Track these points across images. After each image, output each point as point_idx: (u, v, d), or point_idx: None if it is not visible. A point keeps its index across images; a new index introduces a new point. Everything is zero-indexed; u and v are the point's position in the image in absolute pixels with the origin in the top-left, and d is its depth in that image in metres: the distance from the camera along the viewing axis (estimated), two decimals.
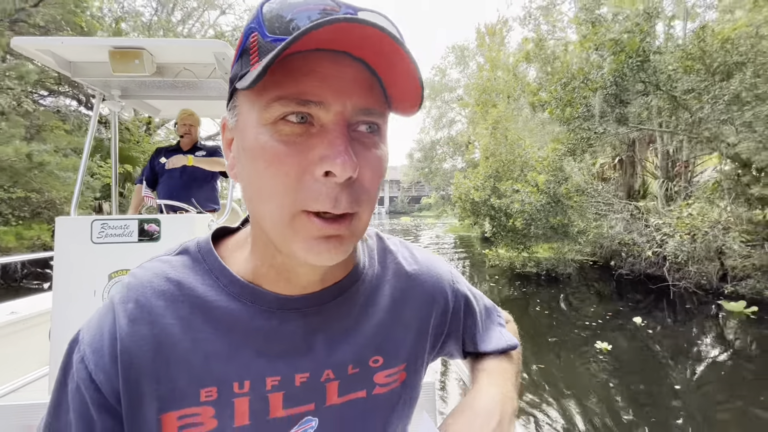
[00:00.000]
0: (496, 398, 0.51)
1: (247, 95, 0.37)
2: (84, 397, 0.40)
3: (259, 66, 0.31)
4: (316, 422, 0.46)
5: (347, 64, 0.34)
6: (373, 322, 0.49)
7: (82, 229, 2.05)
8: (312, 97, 0.33)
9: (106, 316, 0.43)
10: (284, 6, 0.33)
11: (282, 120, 0.34)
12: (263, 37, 0.33)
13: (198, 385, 0.41)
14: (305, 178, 0.35)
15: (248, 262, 0.45)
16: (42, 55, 2.21)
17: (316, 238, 0.36)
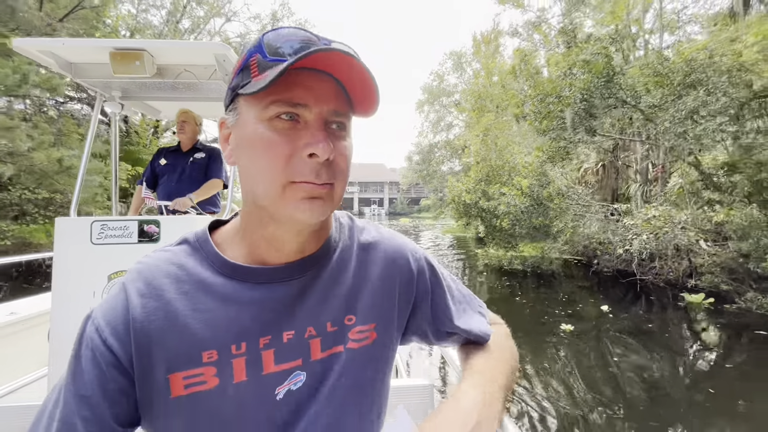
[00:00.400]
0: (477, 400, 0.51)
1: (247, 99, 0.48)
2: (99, 361, 0.47)
3: (265, 78, 0.43)
4: (304, 375, 0.53)
5: (324, 79, 0.47)
6: (345, 286, 0.58)
7: (82, 229, 2.05)
8: (300, 101, 0.46)
9: (118, 295, 0.51)
10: (278, 37, 0.46)
11: (276, 118, 0.46)
12: (264, 58, 0.45)
13: (200, 349, 0.49)
14: (294, 158, 0.46)
15: (242, 243, 0.55)
16: (43, 56, 2.22)
17: (302, 199, 0.47)
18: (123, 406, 0.48)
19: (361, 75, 0.46)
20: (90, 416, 0.46)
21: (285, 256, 0.54)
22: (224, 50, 2.21)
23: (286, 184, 0.47)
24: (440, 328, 0.66)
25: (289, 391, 0.53)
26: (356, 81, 0.47)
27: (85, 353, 0.48)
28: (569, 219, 8.05)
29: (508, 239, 9.46)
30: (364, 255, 0.62)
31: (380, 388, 0.61)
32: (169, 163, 2.98)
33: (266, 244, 0.53)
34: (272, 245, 0.53)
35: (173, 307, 0.49)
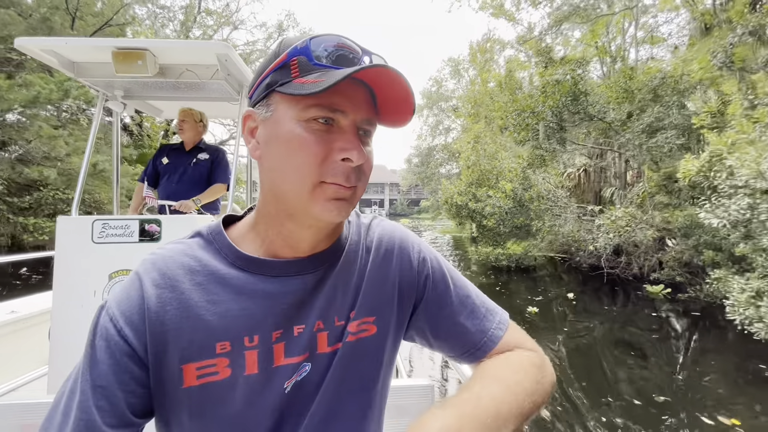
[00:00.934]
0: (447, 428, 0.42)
1: (286, 98, 0.49)
2: (113, 351, 0.47)
3: (319, 84, 0.45)
4: (309, 367, 0.54)
5: (360, 88, 0.50)
6: (351, 281, 0.59)
7: (83, 228, 2.05)
8: (339, 107, 0.48)
9: (132, 285, 0.51)
10: (324, 44, 0.48)
11: (313, 120, 0.48)
12: (309, 61, 0.47)
13: (214, 340, 0.50)
14: (327, 160, 0.48)
15: (256, 239, 0.56)
16: (46, 55, 2.22)
17: (330, 200, 0.49)
18: (138, 396, 0.49)
19: (399, 88, 0.48)
20: (106, 406, 0.46)
21: (299, 252, 0.55)
22: (226, 50, 2.21)
23: (316, 183, 0.48)
24: (439, 326, 0.64)
25: (295, 384, 0.53)
26: (391, 93, 0.49)
27: (99, 343, 0.48)
28: (547, 219, 8.98)
29: (495, 238, 10.43)
30: (369, 250, 0.63)
31: (381, 382, 0.61)
32: (171, 162, 2.95)
33: (281, 241, 0.54)
34: (287, 242, 0.54)
35: (188, 298, 0.50)
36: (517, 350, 0.62)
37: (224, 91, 2.70)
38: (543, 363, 0.60)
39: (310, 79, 0.46)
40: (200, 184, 2.95)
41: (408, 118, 0.52)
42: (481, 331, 0.63)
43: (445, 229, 22.03)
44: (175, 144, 3.07)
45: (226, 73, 2.42)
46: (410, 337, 0.68)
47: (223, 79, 2.45)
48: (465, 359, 0.65)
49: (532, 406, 0.51)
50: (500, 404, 0.48)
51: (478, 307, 0.65)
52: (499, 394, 0.49)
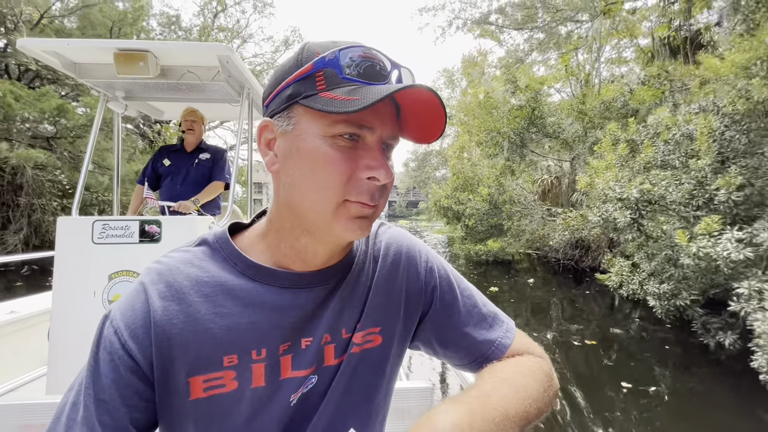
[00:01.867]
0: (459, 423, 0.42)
1: (310, 112, 0.46)
2: (117, 365, 0.46)
3: (353, 101, 0.42)
4: (315, 379, 0.54)
5: (388, 104, 0.48)
6: (360, 293, 0.58)
7: (83, 229, 2.05)
8: (366, 123, 0.46)
9: (137, 296, 0.49)
10: (354, 58, 0.46)
11: (339, 136, 0.46)
12: (339, 75, 0.45)
13: (221, 353, 0.49)
14: (353, 178, 0.47)
15: (266, 250, 0.54)
16: (48, 56, 2.23)
17: (353, 219, 0.48)
18: (141, 411, 0.48)
19: (433, 110, 0.46)
20: (108, 421, 0.45)
21: (309, 266, 0.54)
22: (227, 52, 2.22)
23: (340, 202, 0.47)
24: (446, 335, 0.63)
25: (301, 396, 0.53)
26: (420, 111, 0.47)
27: (103, 356, 0.47)
28: (515, 220, 10.51)
29: (476, 236, 12.13)
30: (376, 259, 0.62)
31: (385, 391, 0.61)
32: (173, 164, 2.96)
33: (294, 255, 0.53)
34: (300, 256, 0.53)
35: (195, 311, 0.49)
36: (526, 355, 0.62)
37: (225, 93, 2.71)
38: (550, 371, 0.60)
39: (339, 95, 0.44)
40: (203, 185, 2.96)
41: (437, 136, 0.49)
42: (489, 341, 0.62)
43: (440, 230, 23.73)
44: (175, 145, 3.08)
45: (227, 74, 2.42)
46: (415, 347, 0.67)
47: (224, 81, 2.46)
48: (471, 368, 0.64)
49: (536, 412, 0.51)
50: (509, 406, 0.47)
51: (485, 316, 0.64)
52: (508, 396, 0.49)
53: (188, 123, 2.94)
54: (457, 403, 0.45)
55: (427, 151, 33.75)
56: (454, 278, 0.66)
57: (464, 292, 0.65)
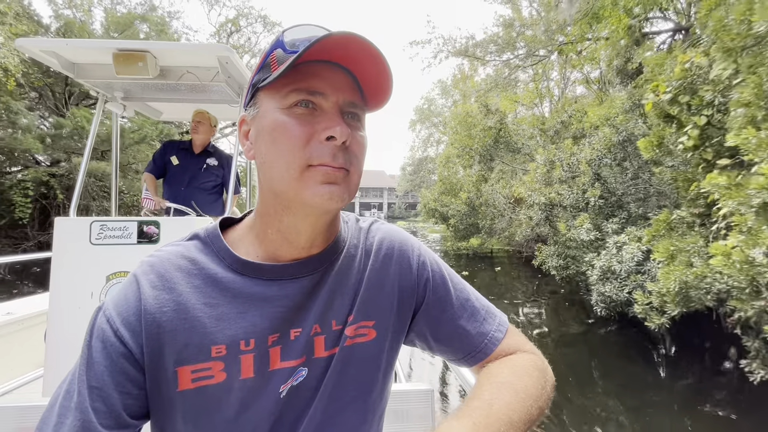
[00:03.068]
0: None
1: (267, 92, 0.50)
2: (109, 352, 0.47)
3: (282, 67, 0.46)
4: (305, 372, 0.54)
5: (339, 71, 0.49)
6: (350, 284, 0.58)
7: (81, 230, 2.04)
8: (318, 89, 0.48)
9: (129, 286, 0.51)
10: (296, 32, 0.49)
11: (295, 105, 0.48)
12: (284, 51, 0.48)
13: (210, 343, 0.49)
14: (312, 142, 0.48)
15: (255, 240, 0.56)
16: (46, 56, 2.22)
17: (320, 184, 0.48)
18: (134, 398, 0.48)
19: (374, 60, 0.47)
20: (102, 407, 0.46)
21: (297, 250, 0.55)
22: (227, 52, 2.21)
23: (304, 167, 0.47)
24: (440, 329, 0.63)
25: (291, 388, 0.53)
26: (369, 69, 0.49)
27: (95, 344, 0.48)
28: (488, 219, 12.12)
29: (459, 234, 14.17)
30: (369, 254, 0.62)
31: (380, 387, 0.61)
32: (181, 164, 2.94)
33: (280, 237, 0.54)
34: (286, 238, 0.54)
35: (185, 300, 0.50)
36: (519, 353, 0.62)
37: (224, 94, 2.70)
38: (544, 366, 0.61)
39: (281, 67, 0.46)
40: (209, 191, 2.95)
41: (387, 91, 0.51)
42: (482, 334, 0.63)
43: (433, 229, 25.86)
44: (184, 143, 3.04)
45: (226, 75, 2.42)
46: (411, 342, 0.67)
47: (223, 82, 2.45)
48: (465, 362, 0.64)
49: (538, 412, 0.51)
50: (512, 411, 0.48)
51: (478, 309, 0.65)
52: (509, 401, 0.49)
53: (194, 124, 2.94)
54: (460, 419, 0.46)
55: (423, 156, 36.09)
56: (447, 273, 0.67)
57: (457, 286, 0.66)
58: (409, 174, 39.05)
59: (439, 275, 0.65)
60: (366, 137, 0.54)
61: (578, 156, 7.41)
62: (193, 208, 2.67)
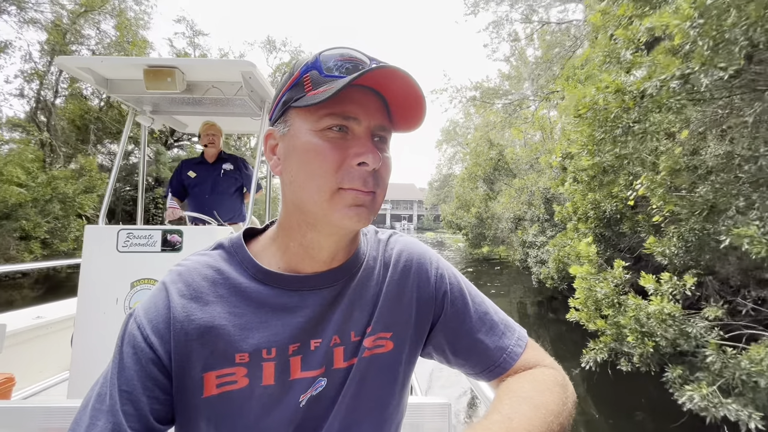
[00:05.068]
0: None
1: (301, 112, 0.51)
2: (139, 357, 0.49)
3: (325, 92, 0.47)
4: (324, 382, 0.55)
5: (371, 96, 0.51)
6: (369, 296, 0.59)
7: (109, 237, 2.12)
8: (351, 114, 0.49)
9: (159, 294, 0.53)
10: (333, 57, 0.50)
11: (328, 129, 0.49)
12: (320, 74, 0.49)
13: (234, 350, 0.51)
14: (343, 166, 0.49)
15: (278, 252, 0.57)
16: (83, 73, 2.35)
17: (349, 206, 0.50)
18: (161, 403, 0.50)
19: (408, 90, 0.49)
20: (131, 411, 0.47)
21: (318, 264, 0.56)
22: (250, 68, 2.29)
23: (335, 190, 0.49)
24: (458, 342, 0.63)
25: (311, 398, 0.54)
26: (401, 97, 0.50)
27: (126, 350, 0.50)
28: (492, 230, 14.31)
29: (472, 242, 16.63)
30: (387, 266, 0.63)
31: (397, 399, 0.61)
32: (199, 176, 3.07)
33: (302, 251, 0.55)
34: (308, 252, 0.55)
35: (211, 309, 0.52)
36: (540, 368, 0.61)
37: (247, 107, 2.78)
38: (565, 382, 0.58)
39: (320, 90, 0.48)
40: (230, 194, 3.11)
41: (420, 118, 0.52)
42: (501, 348, 0.61)
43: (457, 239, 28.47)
44: (196, 158, 3.19)
45: (249, 89, 2.50)
46: (428, 354, 0.66)
47: (246, 96, 2.53)
48: (484, 377, 0.63)
49: (559, 428, 0.50)
50: (532, 427, 0.47)
51: (496, 323, 0.64)
52: (530, 416, 0.48)
53: (209, 137, 3.07)
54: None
55: (448, 173, 38.77)
56: (465, 286, 0.66)
57: (475, 299, 0.65)
58: (436, 189, 41.81)
59: (458, 288, 0.65)
60: (391, 158, 0.55)
61: (537, 186, 10.07)
62: (215, 217, 2.74)
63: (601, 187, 4.41)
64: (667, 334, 3.16)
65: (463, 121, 31.43)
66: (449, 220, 19.19)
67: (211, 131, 3.07)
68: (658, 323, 3.19)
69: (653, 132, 3.35)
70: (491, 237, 14.98)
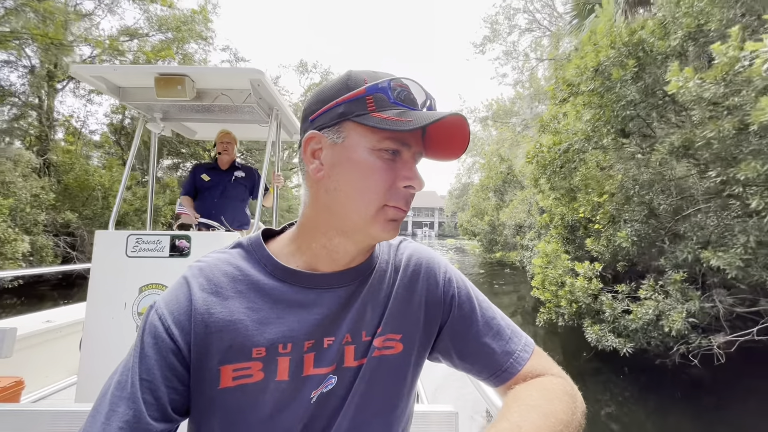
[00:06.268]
0: None
1: (361, 128, 0.53)
2: (160, 347, 0.51)
3: (406, 121, 0.50)
4: (335, 380, 0.56)
5: None
6: (381, 298, 0.61)
7: (119, 242, 2.14)
8: (407, 141, 0.54)
9: (180, 288, 0.55)
10: (404, 88, 0.54)
11: (384, 150, 0.53)
12: (389, 99, 0.52)
13: (251, 345, 0.52)
14: (393, 187, 0.54)
15: (297, 251, 0.60)
16: (95, 81, 2.40)
17: (388, 221, 0.55)
18: (179, 393, 0.51)
19: (461, 133, 0.54)
20: (151, 399, 0.49)
21: (336, 265, 0.59)
22: (259, 76, 2.32)
23: (380, 206, 0.54)
24: (465, 346, 0.64)
25: (321, 395, 0.55)
26: (446, 136, 0.55)
27: (148, 340, 0.51)
28: (503, 236, 15.86)
29: (486, 247, 18.20)
30: (397, 269, 0.65)
31: (405, 401, 0.62)
32: (212, 180, 3.13)
33: (324, 253, 0.58)
34: (330, 254, 0.58)
35: (230, 304, 0.54)
36: (548, 376, 0.61)
37: (255, 114, 2.82)
38: (574, 391, 0.58)
39: (390, 116, 0.50)
40: (240, 200, 3.16)
41: (460, 154, 0.57)
42: (507, 353, 0.62)
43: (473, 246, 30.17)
44: (210, 163, 3.24)
45: (258, 97, 2.53)
46: (435, 358, 0.67)
47: (254, 103, 2.56)
48: (491, 382, 0.64)
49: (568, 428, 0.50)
50: None
51: (503, 328, 0.65)
52: (539, 425, 0.48)
53: (223, 145, 3.14)
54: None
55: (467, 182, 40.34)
56: (473, 291, 0.68)
57: (483, 304, 0.67)
58: (455, 197, 43.74)
59: (465, 292, 0.66)
60: None
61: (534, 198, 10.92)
62: (222, 223, 2.76)
63: (566, 204, 6.38)
64: (586, 300, 5.18)
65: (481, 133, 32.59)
66: (465, 227, 21.40)
67: (226, 139, 3.14)
68: (583, 294, 5.18)
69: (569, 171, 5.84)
70: (502, 243, 16.46)
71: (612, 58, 4.78)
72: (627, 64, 4.60)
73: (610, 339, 4.76)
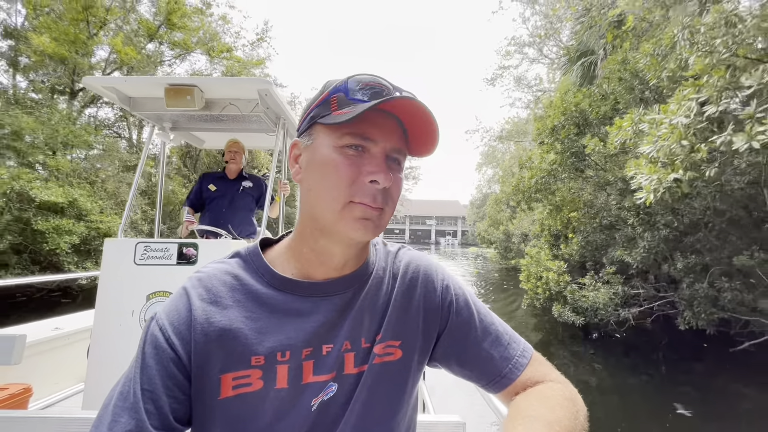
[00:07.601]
0: None
1: (325, 128, 0.55)
2: (161, 357, 0.51)
3: (347, 114, 0.51)
4: (335, 388, 0.56)
5: (390, 120, 0.55)
6: (379, 305, 0.62)
7: (127, 250, 2.16)
8: (369, 136, 0.54)
9: (180, 298, 0.56)
10: (360, 83, 0.54)
11: (347, 147, 0.53)
12: (346, 97, 0.53)
13: (250, 353, 0.53)
14: (357, 182, 0.53)
15: (292, 258, 0.60)
16: (107, 91, 2.45)
17: (357, 219, 0.53)
18: (180, 403, 0.52)
19: (425, 119, 0.53)
20: (152, 409, 0.49)
21: (329, 270, 0.59)
22: (267, 85, 2.35)
23: (346, 202, 0.53)
24: (463, 352, 0.64)
25: (322, 403, 0.55)
26: (418, 124, 0.55)
27: (149, 350, 0.52)
28: (516, 243, 18.08)
29: (503, 254, 20.17)
30: (395, 276, 0.66)
31: (406, 408, 0.62)
32: (219, 190, 3.14)
33: (314, 257, 0.59)
34: (319, 258, 0.59)
35: (229, 313, 0.54)
36: (547, 383, 0.61)
37: (262, 123, 2.85)
38: (574, 396, 0.58)
39: (344, 112, 0.52)
40: (247, 210, 3.17)
41: (433, 147, 0.57)
42: (506, 359, 0.63)
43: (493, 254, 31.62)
44: (218, 173, 3.26)
45: (265, 106, 2.56)
46: (434, 365, 0.68)
47: (262, 113, 2.60)
48: (491, 388, 0.64)
49: None
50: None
51: (501, 334, 0.65)
52: None
53: (231, 154, 3.16)
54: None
55: (488, 193, 42.38)
56: (471, 298, 0.68)
57: (480, 311, 0.67)
58: (476, 207, 45.70)
59: (463, 299, 0.67)
60: (402, 179, 0.59)
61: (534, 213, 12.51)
62: (229, 231, 2.78)
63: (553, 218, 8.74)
64: (555, 289, 7.70)
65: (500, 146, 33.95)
66: (482, 236, 23.93)
67: (234, 148, 3.16)
68: (554, 284, 7.72)
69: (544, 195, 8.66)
70: (515, 250, 18.08)
71: (562, 122, 7.74)
72: (570, 129, 7.63)
73: (568, 315, 7.36)
